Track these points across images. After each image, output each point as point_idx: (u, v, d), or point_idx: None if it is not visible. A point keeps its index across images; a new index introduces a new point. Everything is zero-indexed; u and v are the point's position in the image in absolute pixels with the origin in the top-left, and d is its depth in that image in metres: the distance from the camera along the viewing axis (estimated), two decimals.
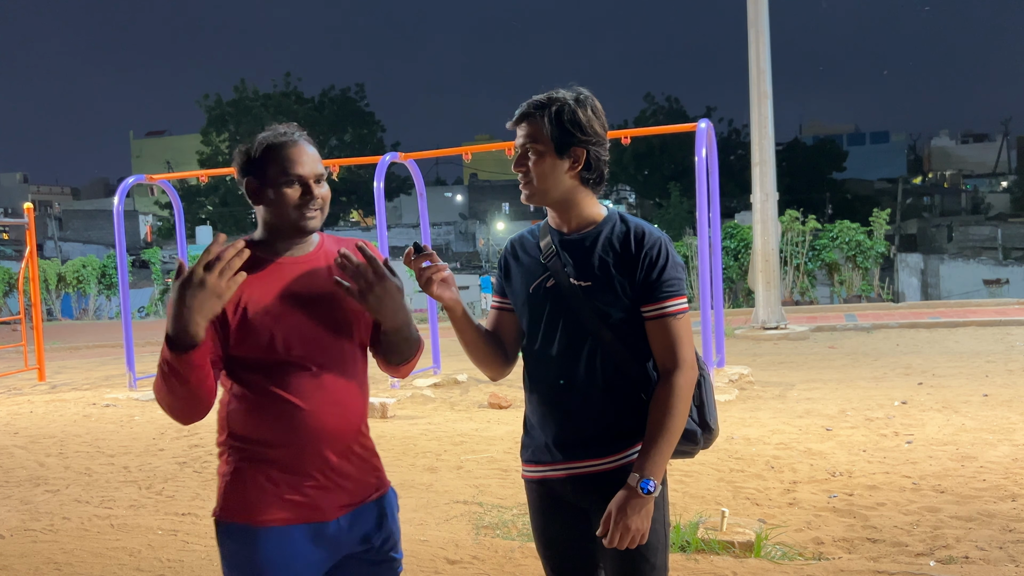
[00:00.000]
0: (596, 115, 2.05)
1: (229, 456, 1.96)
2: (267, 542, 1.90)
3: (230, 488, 1.93)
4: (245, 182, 1.97)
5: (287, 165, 1.92)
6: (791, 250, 18.79)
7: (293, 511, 1.91)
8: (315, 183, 1.95)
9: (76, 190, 76.24)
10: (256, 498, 1.91)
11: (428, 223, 10.45)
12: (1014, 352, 10.26)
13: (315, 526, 1.93)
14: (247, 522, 1.91)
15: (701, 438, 2.10)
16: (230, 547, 1.94)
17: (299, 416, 1.90)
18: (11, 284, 26.10)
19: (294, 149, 1.94)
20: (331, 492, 1.95)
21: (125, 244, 10.52)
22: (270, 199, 1.94)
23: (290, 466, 1.92)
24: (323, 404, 1.92)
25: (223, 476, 1.96)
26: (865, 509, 4.52)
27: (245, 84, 50.09)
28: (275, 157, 1.93)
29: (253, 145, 1.97)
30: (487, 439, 6.57)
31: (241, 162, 1.98)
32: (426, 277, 1.97)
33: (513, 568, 3.90)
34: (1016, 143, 61.93)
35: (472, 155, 11.19)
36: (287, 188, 1.92)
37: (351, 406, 1.98)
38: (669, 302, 2.00)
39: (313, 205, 1.94)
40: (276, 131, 1.97)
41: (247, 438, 1.93)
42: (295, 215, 1.93)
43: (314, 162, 1.96)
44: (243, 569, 1.92)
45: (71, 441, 7.20)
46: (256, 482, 1.91)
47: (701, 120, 8.62)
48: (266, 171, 1.93)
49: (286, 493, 1.91)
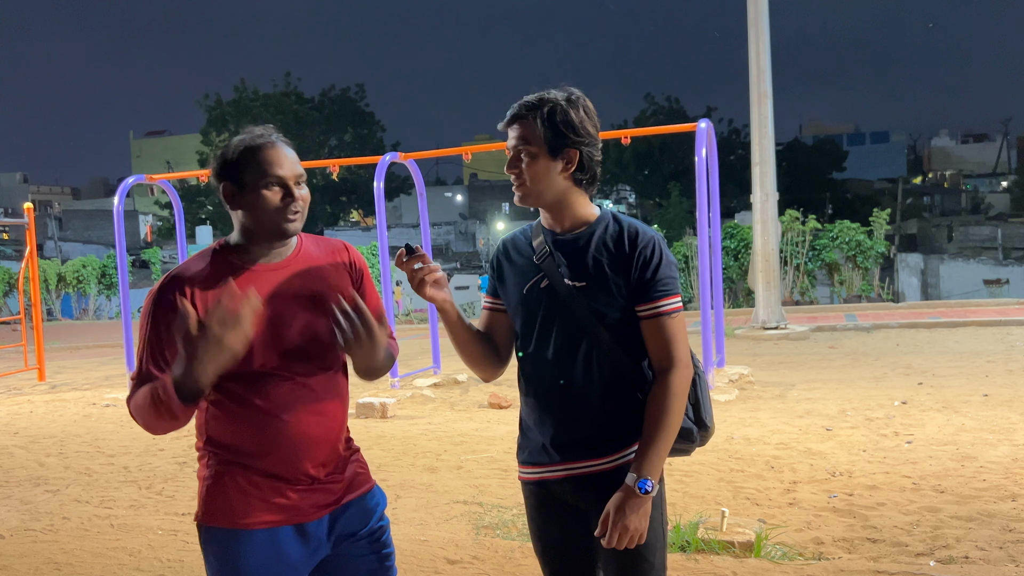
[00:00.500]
0: (588, 115, 2.03)
1: (209, 460, 1.93)
2: (250, 545, 1.88)
3: (211, 492, 1.91)
4: (222, 187, 1.91)
5: (267, 167, 1.87)
6: (791, 250, 18.79)
7: (275, 514, 1.90)
8: (295, 185, 1.90)
9: (76, 190, 76.29)
10: (238, 502, 1.89)
11: (428, 223, 10.45)
12: (1014, 352, 10.26)
13: (297, 527, 1.92)
14: (230, 526, 1.89)
15: (697, 436, 2.10)
16: (213, 551, 1.92)
17: (280, 427, 1.88)
18: (11, 284, 26.12)
19: (273, 151, 1.88)
20: (313, 494, 1.93)
21: (125, 244, 10.52)
22: (249, 203, 1.88)
23: (272, 472, 1.90)
24: (304, 414, 1.90)
25: (203, 480, 1.94)
26: (865, 509, 4.51)
27: (245, 84, 50.12)
28: (253, 159, 1.87)
29: (229, 148, 1.90)
30: (487, 439, 6.57)
31: (217, 166, 1.92)
32: (418, 279, 1.97)
33: (513, 568, 3.90)
34: (1016, 143, 62.00)
35: (472, 155, 11.18)
36: (267, 190, 1.86)
37: (332, 413, 1.96)
38: (663, 301, 2.00)
39: (294, 207, 1.89)
40: (252, 133, 1.92)
41: (227, 445, 1.91)
42: (276, 218, 1.88)
43: (293, 163, 1.91)
44: (227, 573, 1.90)
45: (71, 441, 7.20)
46: (237, 486, 1.89)
47: (701, 120, 8.63)
48: (244, 174, 1.87)
49: (268, 496, 1.90)
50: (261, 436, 1.88)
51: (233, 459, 1.90)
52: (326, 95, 51.65)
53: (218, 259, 1.92)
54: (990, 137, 69.94)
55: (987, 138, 70.35)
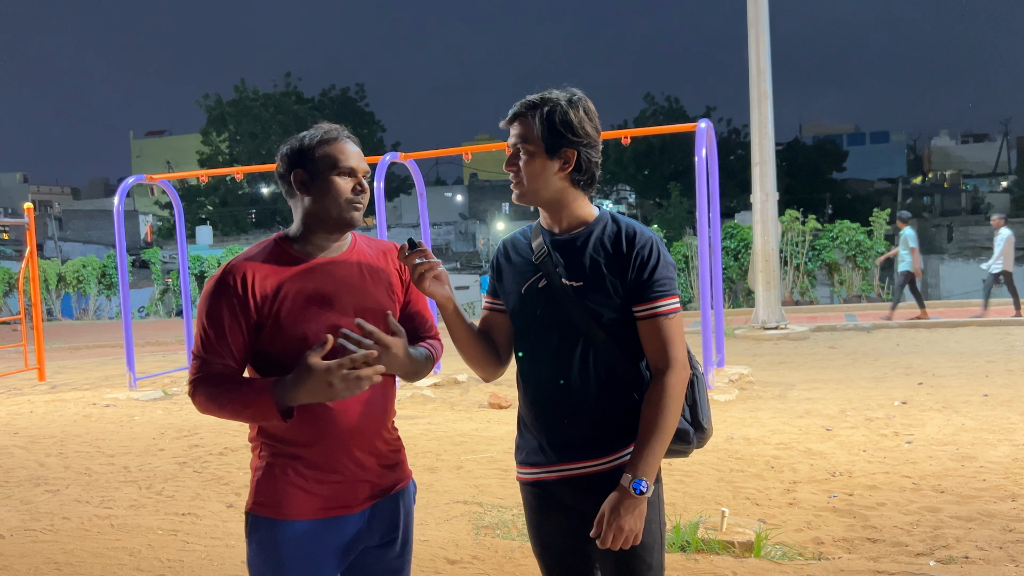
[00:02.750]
0: (588, 116, 2.04)
1: (261, 451, 2.01)
2: (292, 535, 1.94)
3: (261, 483, 1.99)
4: (294, 174, 2.00)
5: (341, 157, 1.98)
6: (791, 250, 18.78)
7: (319, 505, 1.96)
8: (363, 177, 2.02)
9: (76, 190, 76.24)
10: (284, 493, 1.95)
11: (428, 223, 10.45)
12: (1014, 352, 10.26)
13: (340, 519, 1.98)
14: (275, 516, 1.95)
15: (694, 437, 2.10)
16: (256, 539, 1.98)
17: (327, 415, 1.94)
18: (11, 284, 26.11)
19: (345, 144, 2.01)
20: (356, 486, 1.99)
21: (125, 244, 10.52)
22: (320, 189, 1.98)
23: (317, 462, 1.96)
24: (351, 403, 1.95)
25: (255, 471, 2.02)
26: (865, 509, 4.52)
27: (245, 84, 50.17)
28: (329, 149, 1.99)
29: (305, 138, 2.02)
30: (487, 439, 6.57)
31: (291, 153, 2.02)
32: (419, 273, 1.98)
33: (513, 568, 3.90)
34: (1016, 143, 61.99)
35: (472, 155, 11.18)
36: (340, 178, 1.98)
37: (378, 403, 2.01)
38: (661, 302, 2.00)
39: (362, 199, 2.01)
40: (326, 128, 2.03)
41: (276, 435, 1.97)
42: (344, 206, 1.98)
43: (362, 159, 2.04)
44: (268, 561, 1.96)
45: (71, 441, 7.20)
46: (285, 477, 1.96)
47: (701, 120, 8.62)
48: (319, 162, 1.98)
49: (313, 488, 1.95)
50: (308, 423, 1.93)
51: (282, 450, 1.97)
52: (326, 95, 51.68)
53: (278, 250, 2.00)
54: (990, 137, 69.97)
55: (987, 138, 70.37)
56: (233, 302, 1.90)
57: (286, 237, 2.03)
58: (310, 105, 50.22)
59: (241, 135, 49.88)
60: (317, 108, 50.02)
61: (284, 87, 50.82)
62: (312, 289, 1.95)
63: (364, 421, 1.98)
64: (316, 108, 49.92)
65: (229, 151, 49.76)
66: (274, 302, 1.92)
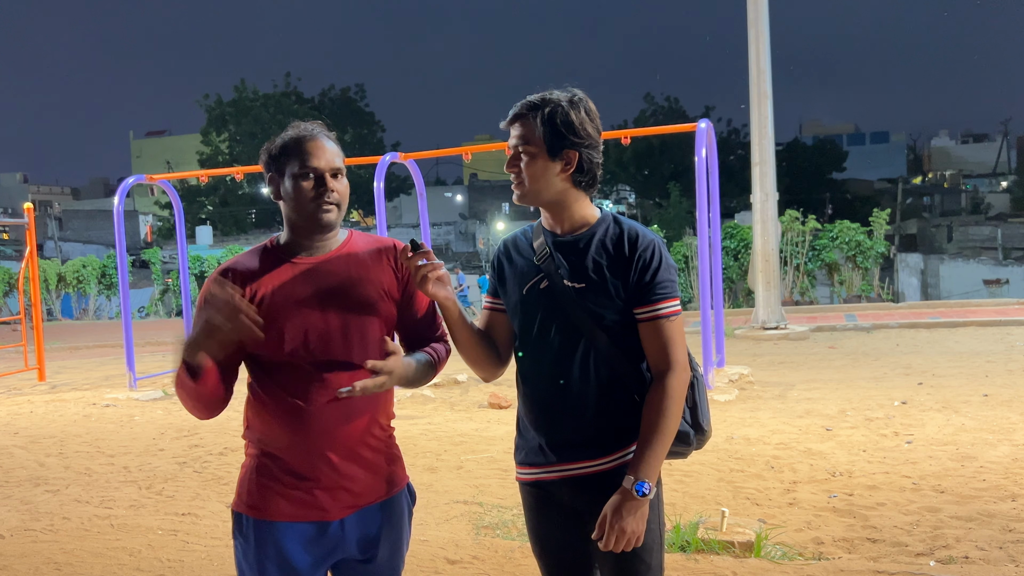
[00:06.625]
0: (590, 117, 2.03)
1: (248, 449, 2.02)
2: (269, 536, 1.95)
3: (244, 481, 2.00)
4: (268, 180, 2.02)
5: (303, 158, 1.96)
6: (791, 250, 18.79)
7: (297, 508, 1.95)
8: (331, 176, 1.98)
9: (76, 190, 76.20)
10: (263, 493, 1.96)
11: (428, 223, 10.45)
12: (1014, 352, 10.26)
13: (318, 524, 1.96)
14: (253, 515, 1.96)
15: (694, 439, 2.10)
16: (238, 538, 2.00)
17: (303, 417, 1.93)
18: (11, 284, 26.11)
19: (311, 143, 1.97)
20: (335, 492, 1.97)
21: (125, 244, 10.52)
22: (287, 194, 1.98)
23: (295, 464, 1.95)
24: (327, 406, 1.93)
25: (242, 468, 2.03)
26: (865, 509, 4.52)
27: (245, 84, 50.15)
28: (292, 152, 1.97)
29: (273, 143, 2.01)
30: (487, 439, 6.57)
31: (264, 160, 2.03)
32: (422, 275, 1.97)
33: (513, 568, 3.90)
34: (1016, 143, 61.99)
35: (472, 155, 11.19)
36: (302, 181, 1.96)
37: (357, 408, 1.98)
38: (662, 304, 2.00)
39: (328, 198, 1.97)
40: (297, 127, 2.02)
41: (259, 433, 1.98)
42: (311, 208, 1.96)
43: (331, 156, 1.99)
44: (247, 560, 1.98)
45: (71, 441, 7.20)
46: (266, 476, 1.96)
47: (701, 120, 8.63)
48: (284, 166, 1.97)
49: (291, 490, 1.95)
50: (285, 424, 1.94)
51: (264, 449, 1.98)
52: (326, 95, 51.68)
53: (265, 253, 2.03)
54: (990, 137, 69.90)
55: (987, 138, 70.30)
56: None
57: (276, 241, 2.06)
58: (310, 105, 50.19)
59: (241, 135, 49.87)
60: (317, 108, 49.99)
61: (284, 87, 50.83)
62: (291, 288, 1.96)
63: (344, 427, 1.96)
64: (316, 108, 49.89)
65: (229, 151, 49.74)
66: (258, 301, 1.93)
